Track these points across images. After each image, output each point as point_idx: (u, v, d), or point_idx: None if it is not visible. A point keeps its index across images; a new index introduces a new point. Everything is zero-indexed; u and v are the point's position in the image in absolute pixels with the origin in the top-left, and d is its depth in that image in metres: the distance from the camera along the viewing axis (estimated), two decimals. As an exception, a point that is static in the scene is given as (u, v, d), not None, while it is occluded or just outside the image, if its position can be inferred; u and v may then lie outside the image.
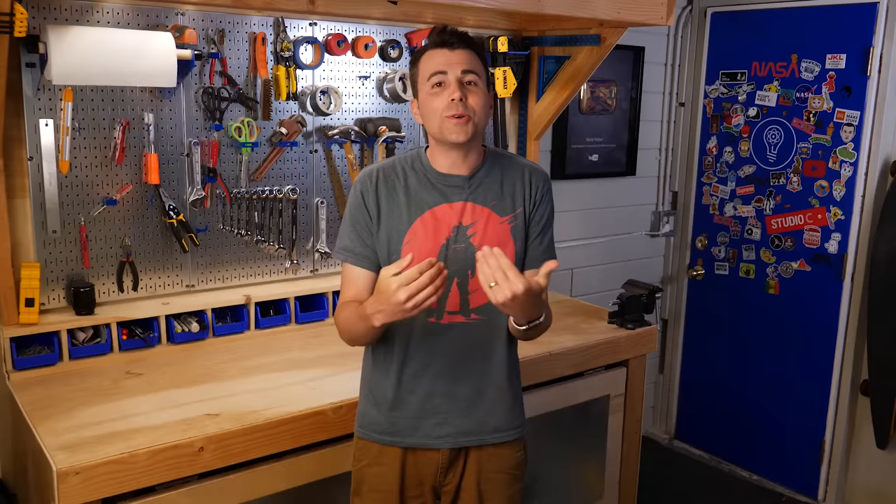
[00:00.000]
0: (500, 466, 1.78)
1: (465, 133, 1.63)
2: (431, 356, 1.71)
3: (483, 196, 1.71)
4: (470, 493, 1.76)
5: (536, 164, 1.85)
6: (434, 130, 1.66)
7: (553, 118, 2.99)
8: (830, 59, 3.22)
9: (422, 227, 1.68)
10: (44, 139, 2.08)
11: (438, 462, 1.74)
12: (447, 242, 1.69)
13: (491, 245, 1.54)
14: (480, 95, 1.65)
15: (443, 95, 1.63)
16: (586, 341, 2.51)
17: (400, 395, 1.72)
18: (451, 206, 1.69)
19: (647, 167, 3.74)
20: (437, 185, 1.70)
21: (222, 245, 2.44)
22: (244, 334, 2.41)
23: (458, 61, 1.63)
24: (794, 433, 3.49)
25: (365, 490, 1.77)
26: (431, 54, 1.66)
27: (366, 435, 1.77)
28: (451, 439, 1.73)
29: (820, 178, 3.30)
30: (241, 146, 2.38)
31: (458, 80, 1.63)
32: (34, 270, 2.09)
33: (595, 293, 3.53)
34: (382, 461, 1.74)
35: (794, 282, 3.44)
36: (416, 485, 1.76)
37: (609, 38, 2.67)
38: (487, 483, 1.77)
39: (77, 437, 1.73)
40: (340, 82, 2.56)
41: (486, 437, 1.75)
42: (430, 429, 1.72)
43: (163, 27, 2.20)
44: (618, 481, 2.76)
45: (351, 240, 1.72)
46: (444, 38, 1.65)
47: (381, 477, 1.75)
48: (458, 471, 1.76)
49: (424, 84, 1.66)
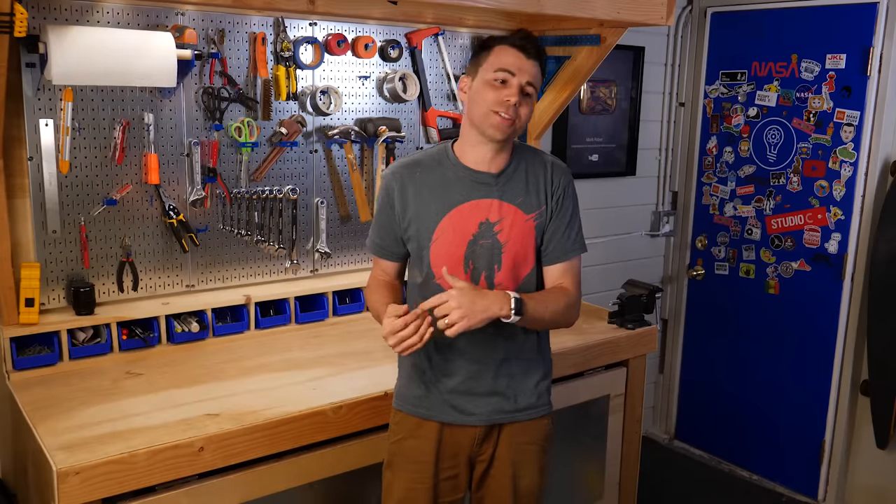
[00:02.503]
0: (532, 438, 1.87)
1: (504, 133, 1.71)
2: (463, 344, 1.77)
3: (511, 193, 1.78)
4: (504, 461, 1.84)
5: (558, 159, 1.91)
6: (476, 117, 1.72)
7: (553, 118, 2.99)
8: (830, 59, 3.22)
9: (450, 225, 1.74)
10: (44, 139, 2.08)
11: (474, 435, 1.82)
12: (473, 238, 1.75)
13: (515, 242, 1.74)
14: (530, 108, 1.74)
15: (501, 92, 1.69)
16: (586, 341, 2.51)
17: (438, 375, 1.80)
18: (478, 204, 1.75)
19: (647, 167, 3.74)
20: (464, 181, 1.76)
21: (222, 245, 2.44)
22: (244, 334, 2.41)
23: (527, 69, 1.70)
24: (794, 433, 3.49)
25: (399, 462, 1.84)
26: (507, 50, 1.71)
27: (404, 408, 1.84)
28: (485, 417, 1.80)
29: (820, 178, 3.30)
30: (241, 146, 2.38)
31: (521, 86, 1.69)
32: (34, 270, 2.09)
33: (595, 293, 3.52)
34: (419, 434, 1.81)
35: (794, 282, 3.44)
36: (450, 456, 1.83)
37: (609, 38, 2.67)
38: (521, 454, 1.85)
39: (77, 437, 1.73)
40: (340, 82, 2.56)
41: (517, 415, 1.83)
42: (464, 407, 1.80)
43: (163, 27, 2.19)
44: (618, 481, 2.76)
45: (379, 235, 1.85)
46: (524, 43, 1.72)
47: (417, 449, 1.82)
48: (493, 441, 1.84)
49: (488, 72, 1.71)
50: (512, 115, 1.68)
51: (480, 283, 1.77)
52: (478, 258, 1.76)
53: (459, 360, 1.79)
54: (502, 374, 1.81)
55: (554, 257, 1.83)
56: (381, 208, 1.83)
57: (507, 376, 1.82)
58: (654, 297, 2.75)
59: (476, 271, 1.76)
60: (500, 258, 1.77)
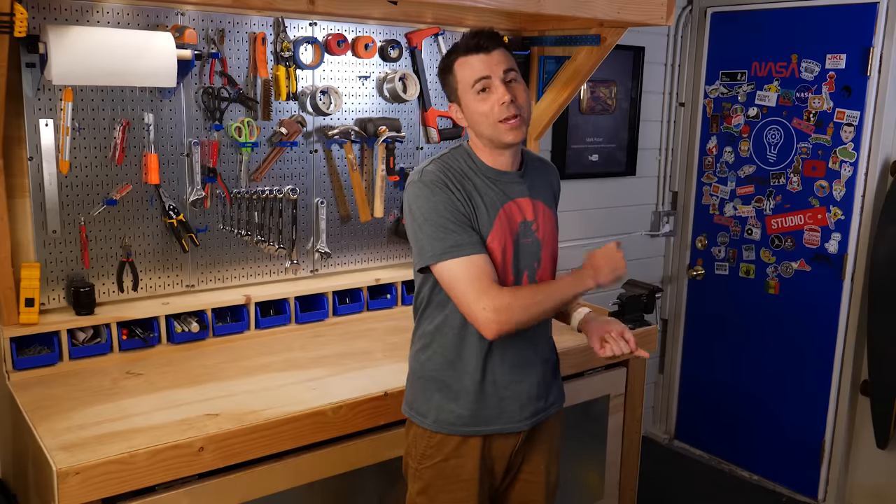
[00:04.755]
0: (560, 431, 1.95)
1: (520, 134, 1.70)
2: (509, 345, 1.76)
3: (536, 191, 1.80)
4: (536, 463, 1.88)
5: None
6: (487, 134, 1.70)
7: (553, 118, 2.99)
8: (830, 59, 3.22)
9: (499, 227, 1.72)
10: (44, 139, 2.08)
11: (516, 442, 1.82)
12: (516, 238, 1.75)
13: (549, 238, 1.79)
14: (524, 90, 1.71)
15: (490, 100, 1.66)
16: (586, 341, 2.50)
17: (483, 385, 1.76)
18: (516, 203, 1.75)
19: (647, 167, 3.74)
20: (497, 183, 1.74)
21: (222, 245, 2.44)
22: (244, 334, 2.41)
23: (496, 62, 1.67)
24: (794, 433, 3.49)
25: (440, 483, 1.78)
26: (468, 60, 1.68)
27: (449, 430, 1.76)
28: (530, 420, 1.81)
29: (820, 178, 3.30)
30: (241, 146, 2.38)
31: (502, 80, 1.66)
32: (34, 270, 2.09)
33: (595, 293, 3.51)
34: (462, 452, 1.77)
35: (794, 282, 3.44)
36: (491, 468, 1.82)
37: (609, 38, 2.67)
38: (550, 453, 1.90)
39: (77, 437, 1.73)
40: (340, 82, 2.56)
41: (551, 410, 1.88)
42: (512, 414, 1.78)
43: (163, 27, 2.19)
44: (618, 481, 2.76)
45: (458, 234, 1.64)
46: (479, 43, 1.68)
47: (460, 468, 1.78)
48: (526, 446, 1.86)
49: (468, 92, 1.68)
50: (515, 111, 1.66)
51: (524, 281, 1.77)
52: (522, 257, 1.76)
53: (504, 366, 1.77)
54: (541, 375, 1.83)
55: None
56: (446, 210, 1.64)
57: (543, 374, 1.84)
58: (654, 297, 2.75)
59: (519, 270, 1.76)
60: (539, 255, 1.79)
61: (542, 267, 1.80)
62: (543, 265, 1.80)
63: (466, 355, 1.75)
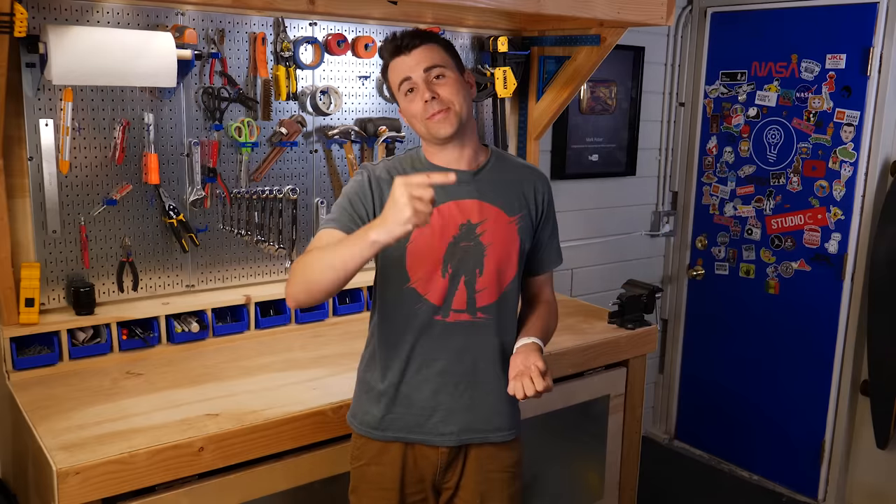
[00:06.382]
0: (501, 465, 1.77)
1: (450, 124, 1.65)
2: (437, 353, 1.71)
3: (491, 194, 1.72)
4: (469, 492, 1.76)
5: (537, 167, 1.88)
6: (422, 132, 1.69)
7: (553, 118, 2.99)
8: (830, 59, 3.22)
9: (427, 227, 1.61)
10: (44, 139, 2.08)
11: (437, 461, 1.74)
12: (454, 240, 1.68)
13: (499, 245, 1.66)
14: (451, 83, 1.66)
15: (416, 100, 1.65)
16: (586, 341, 2.51)
17: (404, 390, 1.71)
18: (458, 204, 1.69)
19: (647, 167, 3.74)
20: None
21: (222, 245, 2.44)
22: (244, 334, 2.41)
23: (417, 62, 1.65)
24: (794, 433, 3.49)
25: (364, 488, 1.77)
26: (393, 64, 1.68)
27: (365, 432, 1.75)
28: (455, 437, 1.72)
29: (820, 178, 3.30)
30: (241, 146, 2.38)
31: (424, 79, 1.64)
32: (34, 270, 2.09)
33: (595, 293, 3.53)
34: (382, 460, 1.74)
35: (794, 282, 3.44)
36: (416, 481, 1.75)
37: (609, 38, 2.67)
38: (488, 483, 1.76)
39: (77, 437, 1.73)
40: (340, 82, 2.56)
41: (489, 436, 1.75)
42: (434, 425, 1.71)
43: (163, 27, 2.20)
44: (618, 481, 2.76)
45: (341, 216, 1.65)
46: (396, 45, 1.66)
47: (381, 475, 1.74)
48: (458, 470, 1.76)
49: (399, 94, 1.69)
50: (438, 108, 1.63)
51: (459, 287, 1.68)
52: (458, 261, 1.67)
53: (430, 374, 1.70)
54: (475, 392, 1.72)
55: (541, 266, 1.84)
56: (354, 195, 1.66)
57: (481, 392, 1.73)
58: (654, 297, 2.75)
59: (455, 275, 1.68)
60: (482, 262, 1.69)
61: (484, 275, 1.69)
62: (487, 273, 1.69)
63: (389, 359, 1.72)
